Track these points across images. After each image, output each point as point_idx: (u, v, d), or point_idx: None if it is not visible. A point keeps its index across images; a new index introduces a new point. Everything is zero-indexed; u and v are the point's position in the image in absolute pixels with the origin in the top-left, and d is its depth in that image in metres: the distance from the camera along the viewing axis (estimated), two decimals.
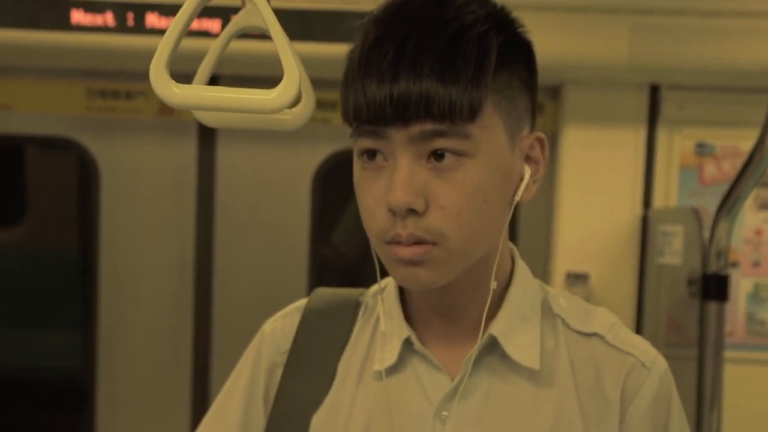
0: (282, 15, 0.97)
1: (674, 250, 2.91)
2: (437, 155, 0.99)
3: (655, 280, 3.14)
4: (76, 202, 3.76)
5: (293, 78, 0.95)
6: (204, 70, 1.15)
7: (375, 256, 1.07)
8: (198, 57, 1.10)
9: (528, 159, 1.08)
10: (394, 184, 0.98)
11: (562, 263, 3.19)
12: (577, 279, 3.16)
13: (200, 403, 3.42)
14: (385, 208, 0.99)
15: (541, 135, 1.09)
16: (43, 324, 3.71)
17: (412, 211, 0.98)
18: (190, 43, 1.02)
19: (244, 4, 1.09)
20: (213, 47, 1.16)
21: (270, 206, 3.42)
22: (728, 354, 2.66)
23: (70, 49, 3.06)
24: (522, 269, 1.14)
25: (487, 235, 1.04)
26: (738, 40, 2.96)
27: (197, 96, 1.00)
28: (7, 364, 3.72)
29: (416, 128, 0.98)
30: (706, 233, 2.48)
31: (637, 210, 3.22)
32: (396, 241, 1.00)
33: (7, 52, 3.12)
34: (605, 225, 3.20)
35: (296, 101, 1.02)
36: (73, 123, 3.38)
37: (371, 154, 1.01)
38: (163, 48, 0.99)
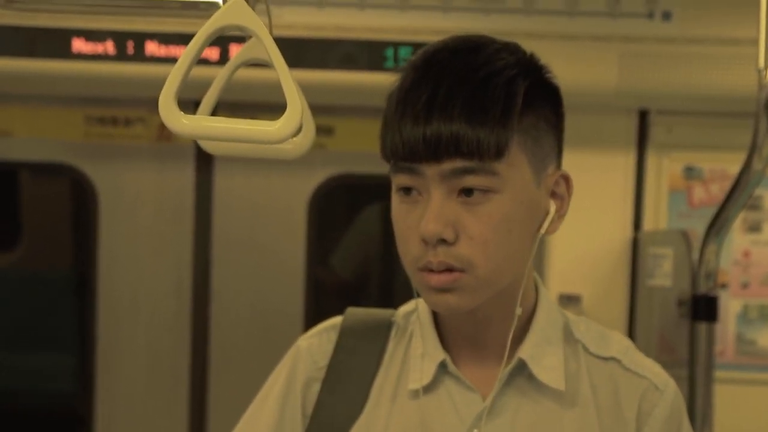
0: (277, 43, 1.01)
1: (664, 272, 2.93)
2: (466, 191, 1.07)
3: (646, 301, 3.15)
4: (74, 227, 3.76)
5: (296, 109, 1.00)
6: (209, 100, 1.20)
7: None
8: (196, 84, 1.13)
9: (553, 195, 1.15)
10: (426, 216, 1.07)
11: (555, 285, 3.19)
12: (569, 300, 3.17)
13: (198, 424, 3.42)
14: (419, 238, 1.08)
15: (566, 173, 1.17)
16: (41, 347, 3.70)
17: (443, 241, 1.07)
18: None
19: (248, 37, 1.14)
20: (218, 78, 1.20)
21: (266, 229, 3.43)
22: (719, 374, 2.68)
23: (70, 77, 3.08)
24: (545, 298, 1.22)
25: (512, 264, 1.12)
26: (724, 66, 2.99)
27: (204, 126, 1.04)
28: (4, 388, 3.71)
29: (447, 165, 1.06)
30: (695, 255, 2.50)
31: (628, 232, 3.23)
32: (428, 269, 1.08)
33: (8, 80, 3.13)
34: (597, 247, 3.22)
35: (297, 131, 1.07)
36: (71, 149, 3.39)
37: (407, 189, 1.10)
38: (172, 80, 1.02)
